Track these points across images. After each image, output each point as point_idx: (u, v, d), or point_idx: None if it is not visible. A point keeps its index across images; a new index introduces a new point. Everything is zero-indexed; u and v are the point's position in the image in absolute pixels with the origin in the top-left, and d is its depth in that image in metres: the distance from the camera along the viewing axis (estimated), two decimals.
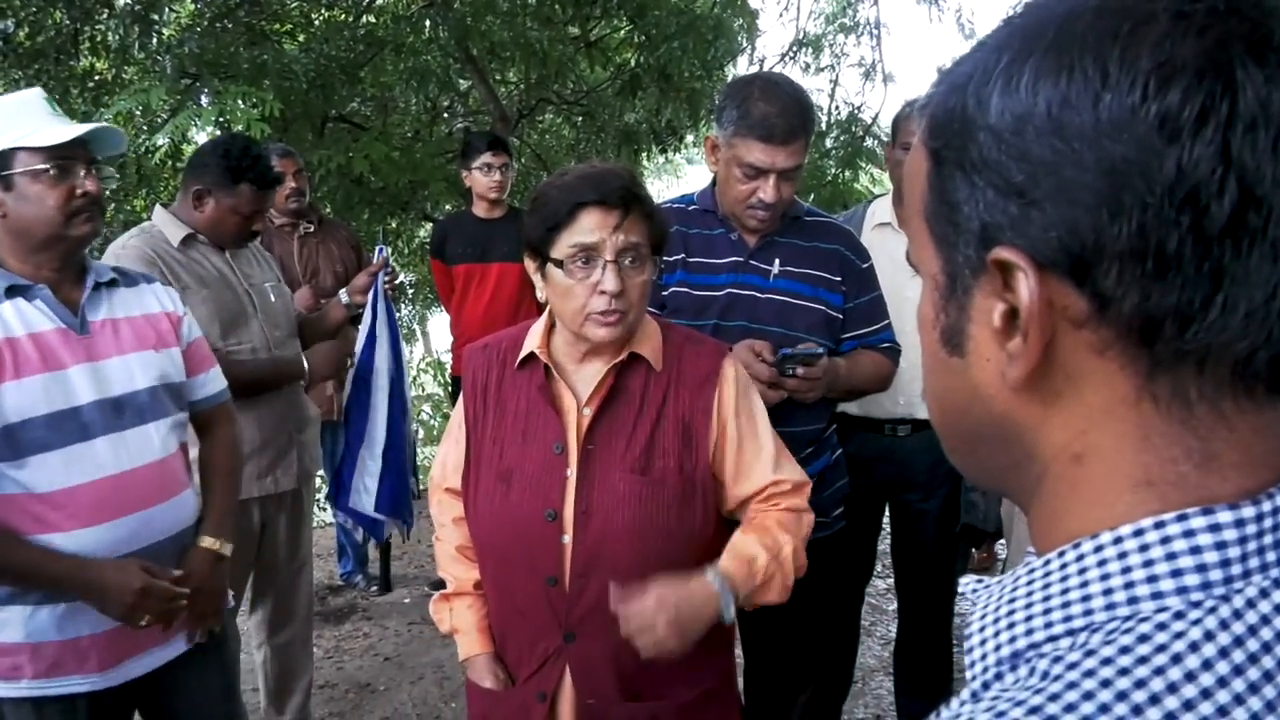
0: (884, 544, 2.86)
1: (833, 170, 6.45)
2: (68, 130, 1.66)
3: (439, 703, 3.19)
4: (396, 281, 2.95)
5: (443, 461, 1.63)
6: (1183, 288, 0.39)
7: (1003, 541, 3.30)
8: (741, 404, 1.54)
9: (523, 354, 1.53)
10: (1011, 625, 0.44)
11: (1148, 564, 0.41)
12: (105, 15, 4.63)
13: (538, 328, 1.55)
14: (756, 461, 1.54)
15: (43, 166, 1.63)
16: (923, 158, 0.49)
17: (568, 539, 1.45)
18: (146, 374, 1.77)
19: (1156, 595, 0.40)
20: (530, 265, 1.50)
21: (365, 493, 2.82)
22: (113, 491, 1.68)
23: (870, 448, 2.47)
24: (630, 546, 1.43)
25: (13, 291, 1.66)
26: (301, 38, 5.76)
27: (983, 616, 0.47)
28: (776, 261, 2.00)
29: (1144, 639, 0.39)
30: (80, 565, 1.65)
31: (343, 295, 2.88)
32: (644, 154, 7.12)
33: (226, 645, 2.03)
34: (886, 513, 2.67)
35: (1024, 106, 0.42)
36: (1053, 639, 0.42)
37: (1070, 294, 0.42)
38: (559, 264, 1.41)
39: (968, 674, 0.46)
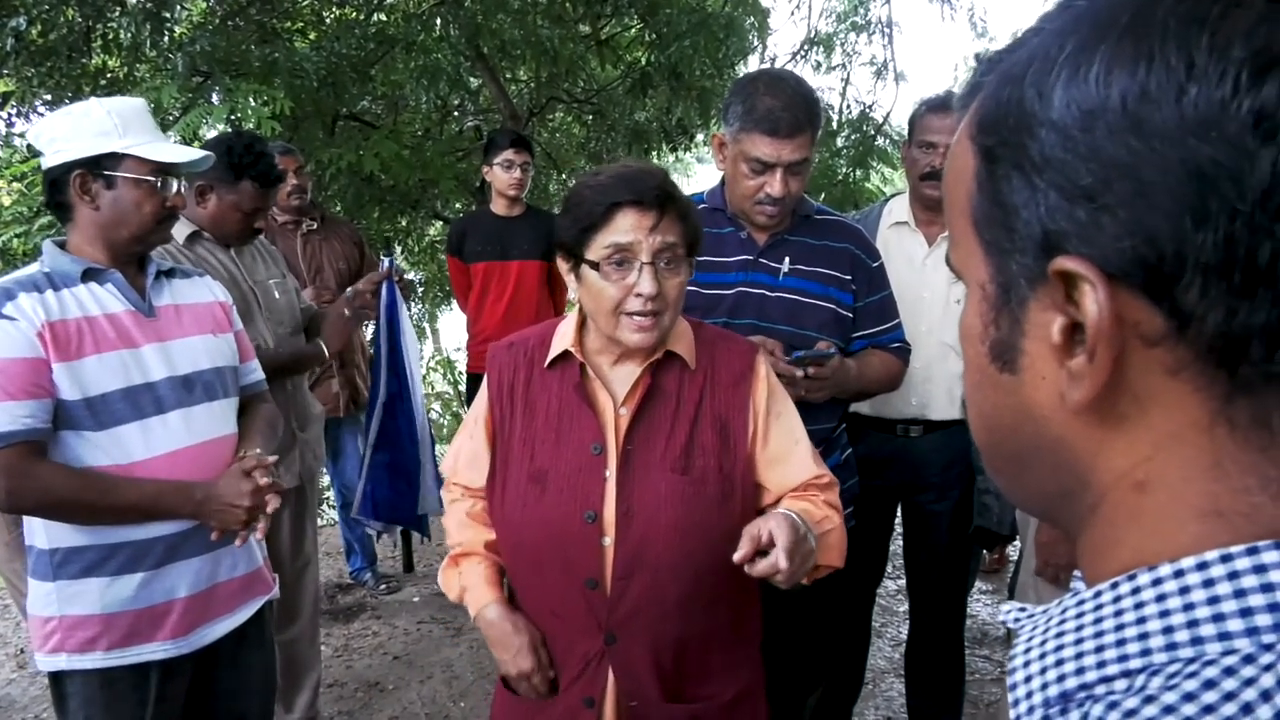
0: (896, 545, 2.84)
1: (844, 169, 6.42)
2: (181, 152, 1.81)
3: (448, 701, 3.18)
4: (407, 278, 2.95)
5: (456, 453, 1.60)
6: (1274, 304, 0.36)
7: (1015, 544, 3.28)
8: (775, 401, 1.53)
9: (555, 353, 1.50)
10: (1060, 663, 0.40)
11: (1213, 600, 0.37)
12: (117, 13, 4.64)
13: (568, 326, 1.52)
14: (795, 457, 1.52)
15: (150, 178, 1.76)
16: (970, 155, 0.44)
17: (608, 541, 1.42)
18: (209, 356, 1.89)
19: (1223, 636, 0.36)
20: (563, 266, 1.48)
21: (429, 493, 2.90)
22: (187, 463, 1.78)
23: (883, 448, 2.45)
24: (673, 546, 1.41)
25: (88, 275, 1.76)
26: (313, 36, 5.76)
27: (1027, 651, 0.43)
28: (786, 260, 1.99)
29: (1210, 685, 0.35)
30: (186, 488, 1.75)
31: (349, 293, 2.87)
32: (654, 153, 7.10)
33: (268, 626, 2.09)
34: (899, 514, 2.66)
35: (1095, 100, 0.38)
36: (1106, 679, 0.38)
37: (1144, 309, 0.38)
38: (594, 265, 1.39)
39: (1010, 713, 0.43)
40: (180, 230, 2.41)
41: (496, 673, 1.60)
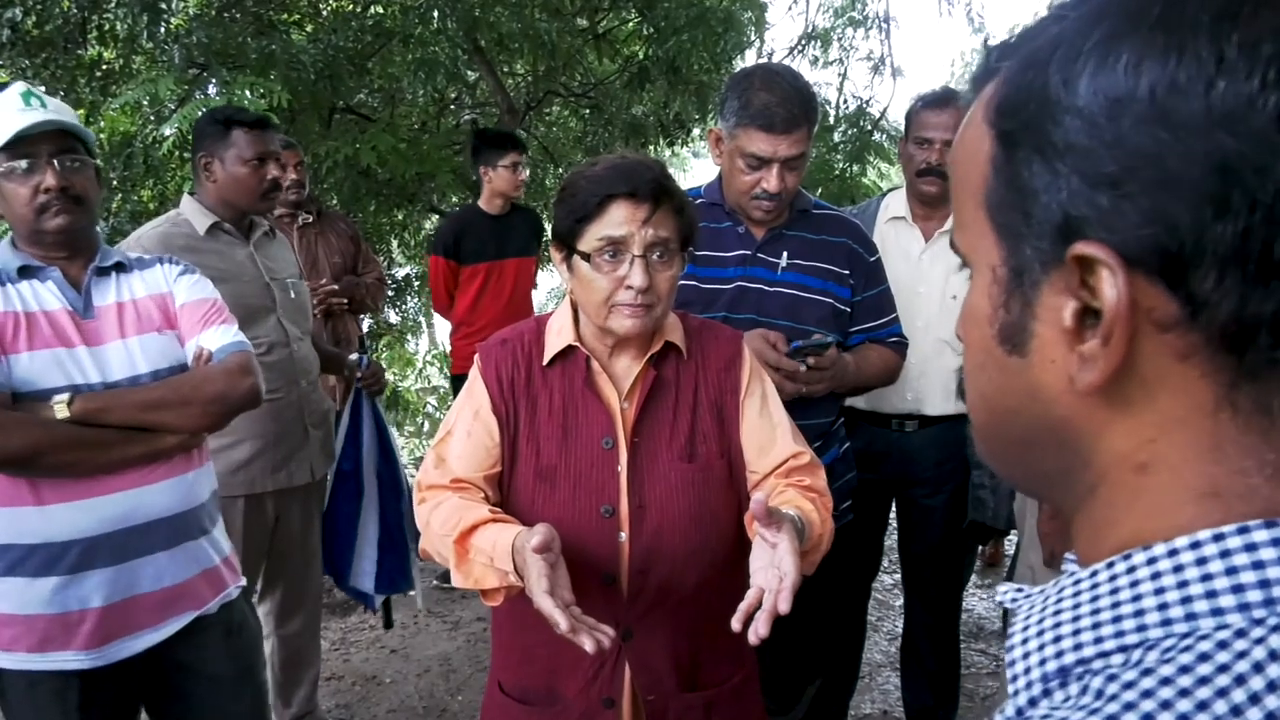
0: (891, 539, 2.85)
1: (840, 164, 6.41)
2: (7, 128, 1.64)
3: (445, 695, 3.19)
4: (379, 381, 2.82)
5: (442, 456, 1.47)
6: None
7: (1011, 538, 3.29)
8: (757, 383, 1.54)
9: (557, 348, 1.48)
10: (1058, 639, 0.42)
11: (1206, 578, 0.38)
12: (113, 4, 4.61)
13: (563, 321, 1.50)
14: (776, 435, 1.52)
15: (6, 166, 1.66)
16: (986, 139, 0.44)
17: (624, 535, 1.41)
18: (148, 357, 1.76)
19: (1216, 611, 0.37)
20: (555, 256, 1.47)
21: (365, 575, 2.84)
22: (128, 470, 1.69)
23: (878, 443, 2.46)
24: (687, 535, 1.41)
25: (25, 272, 1.71)
26: (309, 28, 5.74)
27: (1025, 629, 0.44)
28: (784, 254, 1.99)
29: (1204, 658, 0.36)
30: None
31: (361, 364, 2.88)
32: (651, 147, 7.09)
33: (243, 629, 1.97)
34: (894, 508, 2.67)
35: (1122, 89, 0.38)
36: (1104, 655, 0.40)
37: (1159, 296, 0.39)
38: (585, 256, 1.38)
39: (1009, 688, 0.44)
40: (201, 222, 2.38)
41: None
